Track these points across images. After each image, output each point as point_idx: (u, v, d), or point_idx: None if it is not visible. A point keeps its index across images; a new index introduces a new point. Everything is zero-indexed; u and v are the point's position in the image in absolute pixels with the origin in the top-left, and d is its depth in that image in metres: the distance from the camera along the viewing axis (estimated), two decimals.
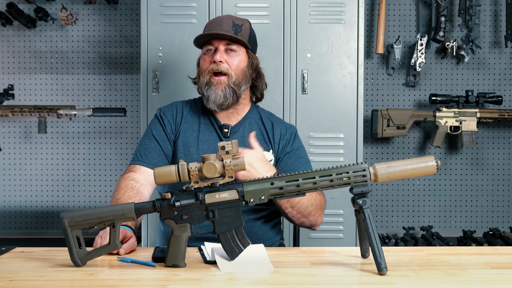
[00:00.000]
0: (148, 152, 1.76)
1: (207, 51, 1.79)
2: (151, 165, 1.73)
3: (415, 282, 1.16)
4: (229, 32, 1.74)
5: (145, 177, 1.70)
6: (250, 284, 1.14)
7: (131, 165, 1.75)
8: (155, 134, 1.80)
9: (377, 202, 3.30)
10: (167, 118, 1.82)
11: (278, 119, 1.91)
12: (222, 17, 1.80)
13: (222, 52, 1.76)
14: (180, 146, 1.79)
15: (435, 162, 1.25)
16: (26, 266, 1.30)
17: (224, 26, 1.75)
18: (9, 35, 3.21)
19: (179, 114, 1.84)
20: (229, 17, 1.79)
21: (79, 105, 3.22)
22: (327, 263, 1.34)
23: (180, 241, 1.28)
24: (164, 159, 1.77)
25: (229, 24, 1.76)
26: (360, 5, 2.55)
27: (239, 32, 1.77)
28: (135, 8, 3.19)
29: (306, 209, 1.66)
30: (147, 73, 2.56)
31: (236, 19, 1.79)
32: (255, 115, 1.88)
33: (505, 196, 3.30)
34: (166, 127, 1.81)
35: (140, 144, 1.81)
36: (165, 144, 1.79)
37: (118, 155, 3.25)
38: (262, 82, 1.87)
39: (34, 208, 3.25)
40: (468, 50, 3.09)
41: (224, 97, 1.75)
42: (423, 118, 3.05)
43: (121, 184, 1.66)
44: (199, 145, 1.79)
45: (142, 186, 1.66)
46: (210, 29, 1.77)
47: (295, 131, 1.88)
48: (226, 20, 1.77)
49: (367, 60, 3.22)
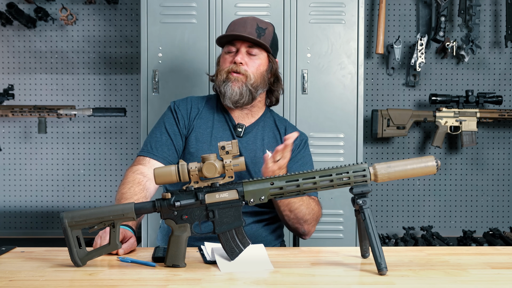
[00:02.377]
0: (159, 145, 1.75)
1: (229, 52, 1.78)
2: (160, 159, 1.72)
3: (415, 282, 1.16)
4: (252, 35, 1.74)
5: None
6: (250, 284, 1.14)
7: (140, 156, 1.74)
8: (167, 127, 1.79)
9: (377, 202, 3.29)
10: (181, 112, 1.81)
11: (291, 125, 1.92)
12: (246, 18, 1.79)
13: (243, 54, 1.76)
14: (193, 141, 1.78)
15: (435, 162, 1.26)
16: (26, 266, 1.30)
17: (248, 27, 1.75)
18: (9, 35, 3.21)
19: (194, 108, 1.83)
20: (253, 19, 1.78)
21: (79, 105, 3.22)
22: (327, 263, 1.34)
23: (180, 241, 1.28)
24: (174, 153, 1.76)
25: (253, 26, 1.75)
26: (360, 5, 2.55)
27: (263, 35, 1.77)
28: (135, 8, 3.19)
29: (303, 216, 1.67)
30: (147, 73, 2.56)
31: (261, 22, 1.79)
32: (269, 119, 1.89)
33: (505, 196, 3.30)
34: (180, 121, 1.80)
35: (151, 135, 1.79)
36: (176, 138, 1.78)
37: (118, 155, 3.25)
38: (279, 87, 1.88)
39: (34, 208, 3.25)
40: (468, 50, 3.09)
41: (240, 95, 1.75)
42: (423, 118, 3.05)
43: (128, 177, 1.65)
44: (212, 142, 1.78)
45: (149, 181, 1.66)
46: (234, 29, 1.77)
47: (306, 138, 1.90)
48: (250, 22, 1.76)
49: (367, 60, 3.22)
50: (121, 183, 1.65)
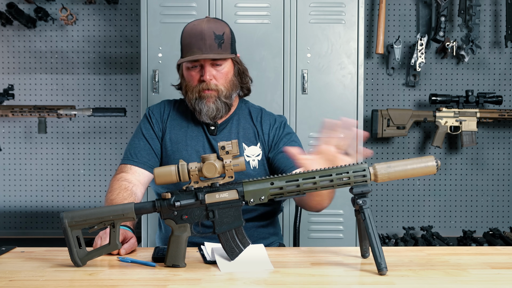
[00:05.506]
0: (138, 151, 1.77)
1: (193, 67, 1.75)
2: (141, 164, 1.74)
3: (415, 282, 1.16)
4: (213, 48, 1.70)
5: (137, 177, 1.72)
6: (250, 284, 1.14)
7: (122, 164, 1.76)
8: (144, 132, 1.81)
9: (377, 202, 3.29)
10: (155, 116, 1.84)
11: (267, 112, 1.89)
12: (202, 29, 1.71)
13: (209, 70, 1.72)
14: (168, 143, 1.80)
15: (435, 162, 1.25)
16: (26, 266, 1.30)
17: (207, 40, 1.69)
18: (9, 35, 3.21)
19: (166, 111, 1.85)
20: (209, 28, 1.71)
21: (79, 105, 3.22)
22: (327, 263, 1.34)
23: (180, 241, 1.28)
24: (154, 157, 1.78)
25: (211, 37, 1.70)
26: (360, 5, 2.55)
27: (222, 43, 1.72)
28: (135, 8, 3.19)
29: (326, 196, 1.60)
30: (147, 73, 2.56)
31: (216, 28, 1.72)
32: (244, 111, 1.87)
33: (505, 196, 3.30)
34: (154, 125, 1.82)
35: (130, 143, 1.81)
36: (154, 142, 1.80)
37: (118, 155, 3.25)
38: (247, 80, 1.85)
39: (34, 208, 3.25)
40: (468, 50, 3.09)
41: (217, 110, 1.74)
42: (423, 118, 3.05)
43: (114, 185, 1.66)
44: (188, 141, 1.80)
45: (135, 186, 1.68)
46: (192, 43, 1.71)
47: (285, 120, 1.88)
48: (207, 33, 1.70)
49: (367, 60, 3.22)
50: (107, 192, 1.66)
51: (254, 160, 1.80)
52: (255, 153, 1.80)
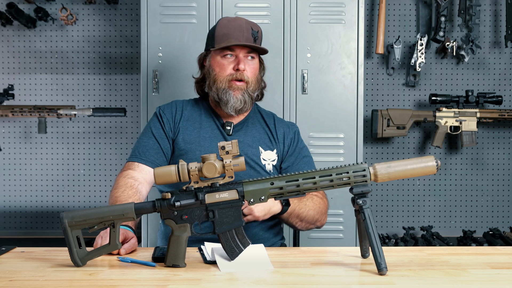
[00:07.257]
0: (147, 149, 1.76)
1: (225, 56, 1.77)
2: (149, 163, 1.73)
3: (415, 282, 1.16)
4: (249, 40, 1.74)
5: (143, 175, 1.71)
6: (250, 284, 1.14)
7: (129, 162, 1.76)
8: (154, 131, 1.80)
9: (377, 202, 3.29)
10: (166, 116, 1.83)
11: (278, 118, 1.93)
12: (241, 22, 1.77)
13: (244, 60, 1.76)
14: (181, 144, 1.79)
15: (435, 162, 1.25)
16: (26, 266, 1.30)
17: (245, 32, 1.74)
18: (9, 35, 3.21)
19: (178, 112, 1.84)
20: (247, 23, 1.78)
21: (79, 105, 3.22)
22: (327, 263, 1.34)
23: (180, 241, 1.28)
24: (162, 157, 1.77)
25: (249, 30, 1.75)
26: (360, 5, 2.55)
27: (257, 39, 1.78)
28: (135, 8, 3.19)
29: (313, 218, 1.73)
30: (147, 73, 2.56)
31: (253, 24, 1.79)
32: (257, 114, 1.90)
33: (505, 196, 3.30)
34: (165, 125, 1.81)
35: (138, 141, 1.81)
36: (163, 142, 1.79)
37: (118, 155, 3.25)
38: (264, 84, 1.90)
39: (34, 208, 3.25)
40: (468, 50, 3.09)
41: (243, 102, 1.77)
42: (423, 118, 3.05)
43: (120, 181, 1.66)
44: (201, 142, 1.79)
45: (140, 184, 1.67)
46: (230, 34, 1.75)
47: (297, 129, 1.91)
48: (246, 26, 1.76)
49: (367, 60, 3.22)
50: (112, 188, 1.66)
51: (269, 164, 1.82)
52: (271, 158, 1.82)
